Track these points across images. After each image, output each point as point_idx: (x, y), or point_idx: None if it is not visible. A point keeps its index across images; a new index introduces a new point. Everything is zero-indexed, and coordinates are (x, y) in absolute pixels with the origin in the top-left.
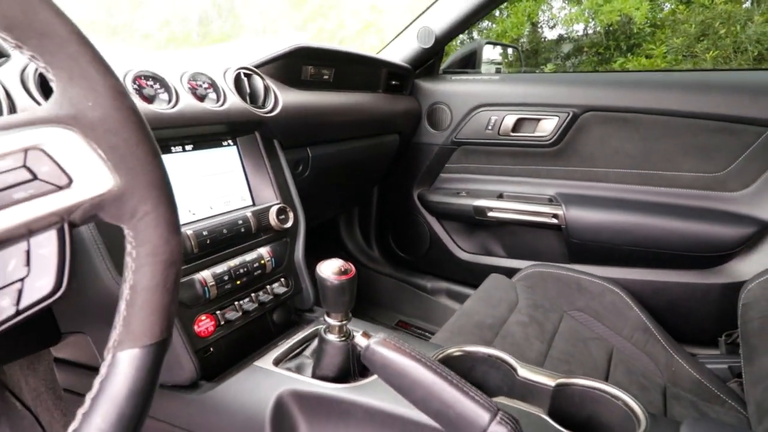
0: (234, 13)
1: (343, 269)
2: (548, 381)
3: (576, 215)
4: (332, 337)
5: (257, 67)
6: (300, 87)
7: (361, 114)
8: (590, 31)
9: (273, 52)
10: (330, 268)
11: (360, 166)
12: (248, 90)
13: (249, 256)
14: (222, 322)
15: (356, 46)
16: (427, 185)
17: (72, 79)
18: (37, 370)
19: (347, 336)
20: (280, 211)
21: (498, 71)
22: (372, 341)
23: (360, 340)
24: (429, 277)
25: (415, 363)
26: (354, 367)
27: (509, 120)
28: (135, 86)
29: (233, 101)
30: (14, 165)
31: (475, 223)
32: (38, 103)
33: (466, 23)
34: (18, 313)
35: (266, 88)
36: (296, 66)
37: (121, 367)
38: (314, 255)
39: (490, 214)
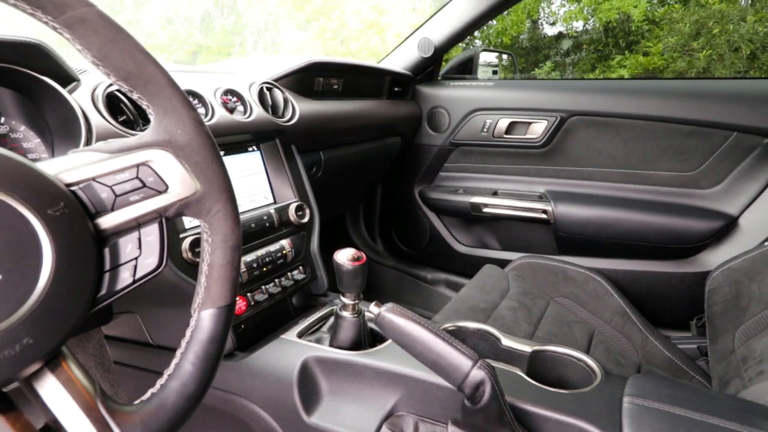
0: (237, 12)
1: (356, 256)
2: (526, 348)
3: (563, 211)
4: (346, 314)
5: (276, 80)
6: (313, 97)
7: (367, 119)
8: (589, 29)
9: (289, 67)
10: (345, 256)
11: (366, 167)
12: (270, 102)
13: (273, 247)
14: (252, 303)
15: (359, 45)
16: (428, 183)
17: (167, 113)
18: (86, 348)
19: (359, 313)
20: (298, 208)
21: (495, 72)
22: (383, 309)
23: (373, 309)
24: (429, 269)
25: (415, 324)
26: (365, 338)
27: (503, 123)
28: None
29: (258, 113)
30: (130, 177)
31: (471, 218)
32: (107, 121)
33: (463, 34)
34: (134, 282)
35: (285, 100)
36: (309, 78)
37: (204, 321)
38: (324, 249)
39: (486, 210)
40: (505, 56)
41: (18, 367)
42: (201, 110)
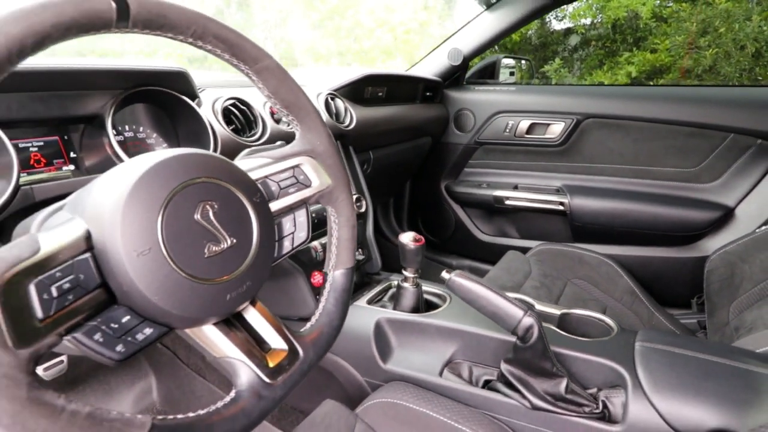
0: (248, 10)
1: (416, 238)
2: (556, 311)
3: (578, 203)
4: (407, 285)
5: (335, 90)
6: (363, 104)
7: (405, 122)
8: (597, 25)
9: (348, 79)
10: (408, 238)
11: (402, 163)
12: (334, 110)
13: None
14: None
15: (371, 44)
16: (453, 178)
17: (309, 130)
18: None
19: (417, 285)
20: (357, 200)
21: (512, 74)
22: (453, 274)
23: (444, 275)
24: (453, 256)
25: (479, 285)
26: (421, 305)
27: (524, 124)
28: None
29: (326, 119)
30: (289, 176)
31: (493, 210)
32: (225, 129)
33: (490, 44)
34: (292, 249)
35: (345, 108)
36: (361, 87)
37: (337, 278)
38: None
39: (507, 202)
40: (523, 62)
41: (241, 301)
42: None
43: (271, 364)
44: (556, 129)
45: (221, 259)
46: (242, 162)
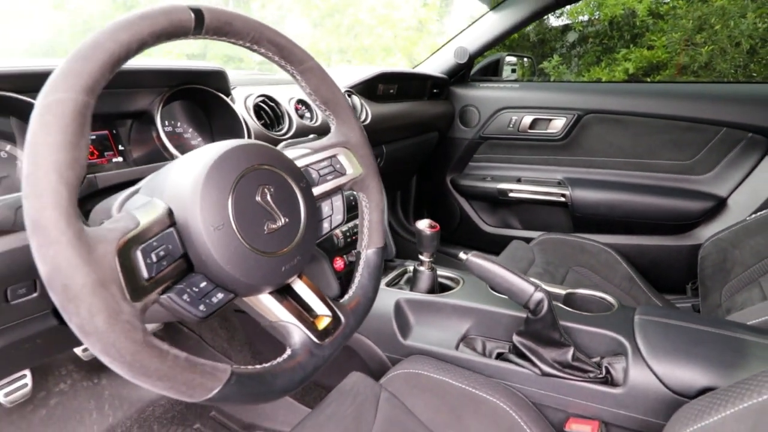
0: (246, 7)
1: (432, 225)
2: (561, 291)
3: (579, 195)
4: (423, 269)
5: (352, 87)
6: (376, 100)
7: (414, 117)
8: (595, 22)
9: (363, 77)
10: (424, 224)
11: (411, 158)
12: (351, 106)
13: (356, 222)
14: (346, 263)
15: (371, 41)
16: (458, 172)
17: (344, 123)
18: None
19: (432, 269)
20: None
21: (513, 71)
22: (470, 255)
23: (462, 255)
24: (459, 247)
25: (493, 264)
26: (436, 286)
27: (527, 120)
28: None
29: None
30: (327, 165)
31: (497, 202)
32: (256, 123)
33: (495, 42)
34: (330, 230)
35: (361, 104)
36: (374, 85)
37: (370, 256)
38: None
39: (511, 194)
40: (525, 59)
41: (293, 273)
42: (308, 114)
43: (320, 328)
44: (558, 124)
45: (277, 236)
46: (287, 152)
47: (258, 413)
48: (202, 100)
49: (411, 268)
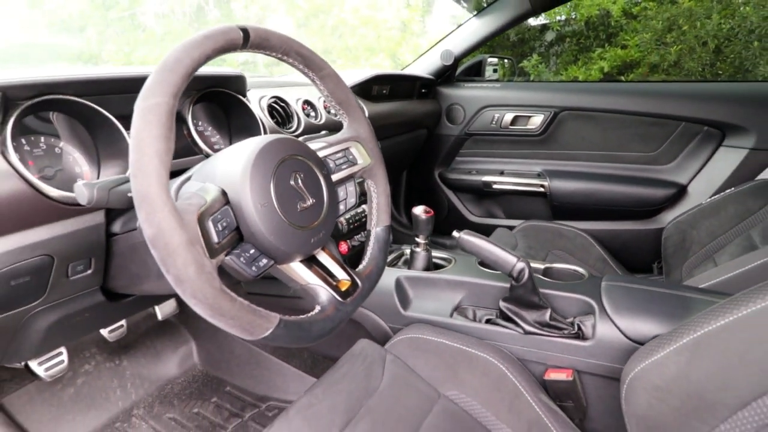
0: (227, 7)
1: (427, 210)
2: (540, 266)
3: (557, 185)
4: (419, 250)
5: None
6: (371, 100)
7: (405, 116)
8: (572, 22)
9: (360, 78)
10: (420, 210)
11: (402, 153)
12: None
13: (357, 210)
14: (350, 247)
15: (355, 41)
16: (446, 167)
17: (355, 120)
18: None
19: (427, 250)
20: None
21: (495, 71)
22: (462, 233)
23: (455, 234)
24: (447, 237)
25: (483, 240)
26: (431, 265)
27: (508, 117)
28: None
29: None
30: (342, 156)
31: (482, 193)
32: (271, 122)
33: (478, 46)
34: (345, 211)
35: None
36: (369, 86)
37: (379, 233)
38: None
39: (494, 186)
40: (506, 60)
41: (320, 244)
42: (313, 114)
43: (342, 290)
44: (537, 121)
45: (307, 213)
46: (308, 145)
47: (270, 386)
48: (221, 101)
49: (407, 251)
